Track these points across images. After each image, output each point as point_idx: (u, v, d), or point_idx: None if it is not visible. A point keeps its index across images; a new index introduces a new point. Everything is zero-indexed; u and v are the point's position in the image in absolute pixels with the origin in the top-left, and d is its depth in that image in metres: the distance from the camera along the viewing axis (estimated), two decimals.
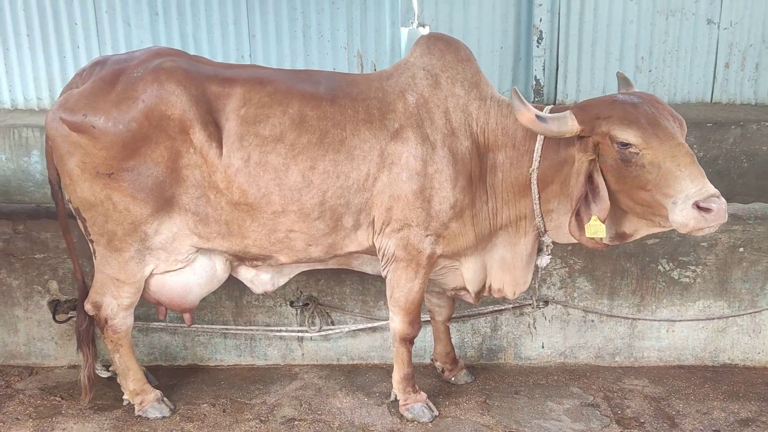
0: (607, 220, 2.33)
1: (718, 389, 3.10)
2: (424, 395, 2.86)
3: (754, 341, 3.32)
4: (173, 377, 3.18)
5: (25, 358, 3.29)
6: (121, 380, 2.85)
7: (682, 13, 5.20)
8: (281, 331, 3.26)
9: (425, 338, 3.25)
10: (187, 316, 2.84)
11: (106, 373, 3.06)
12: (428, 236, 2.54)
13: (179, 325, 3.23)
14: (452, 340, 3.16)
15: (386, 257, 2.60)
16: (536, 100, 5.27)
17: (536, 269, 2.77)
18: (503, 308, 3.26)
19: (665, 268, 3.24)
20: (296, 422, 2.84)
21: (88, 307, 2.72)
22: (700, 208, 2.12)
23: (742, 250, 3.19)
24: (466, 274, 2.72)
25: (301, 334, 3.26)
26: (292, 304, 3.27)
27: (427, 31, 5.27)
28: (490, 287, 2.77)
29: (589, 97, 5.25)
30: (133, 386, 2.83)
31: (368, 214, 2.54)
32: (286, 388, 3.12)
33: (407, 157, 2.47)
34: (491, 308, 3.25)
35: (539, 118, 2.31)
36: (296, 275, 2.92)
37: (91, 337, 2.81)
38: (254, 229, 2.53)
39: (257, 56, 5.44)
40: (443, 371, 3.16)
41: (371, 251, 2.64)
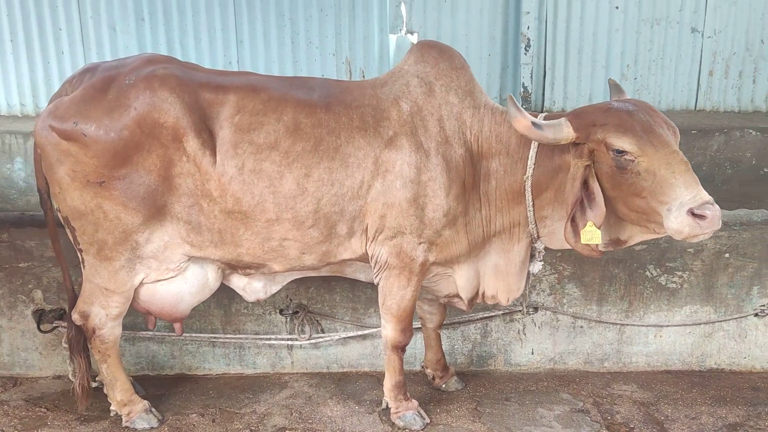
0: (602, 226, 2.34)
1: (705, 394, 3.13)
2: (415, 403, 2.85)
3: (740, 346, 3.36)
4: (161, 387, 3.15)
5: (9, 368, 3.23)
6: (108, 391, 2.81)
7: (666, 21, 5.27)
8: (271, 339, 3.24)
9: (415, 345, 3.25)
10: (177, 325, 2.81)
11: (92, 383, 3.02)
12: (421, 244, 2.54)
13: (166, 334, 3.20)
14: (443, 346, 3.16)
15: (379, 264, 2.60)
16: (524, 107, 5.25)
17: (528, 275, 2.78)
18: (493, 315, 3.27)
19: (653, 273, 3.27)
20: (287, 431, 2.82)
21: (75, 316, 2.69)
22: (694, 215, 2.15)
23: (727, 255, 3.23)
24: (459, 281, 2.72)
25: (290, 342, 3.24)
26: (281, 312, 3.25)
27: (415, 38, 5.29)
28: (483, 294, 2.77)
29: (576, 104, 5.37)
30: (120, 397, 2.79)
31: (362, 221, 2.54)
32: (276, 396, 3.10)
33: (401, 164, 2.47)
34: (481, 315, 3.26)
35: (535, 125, 2.32)
36: (286, 283, 2.90)
37: (83, 345, 2.77)
38: (248, 237, 2.51)
39: (245, 62, 5.42)
40: (434, 378, 3.16)
41: (364, 259, 2.63)
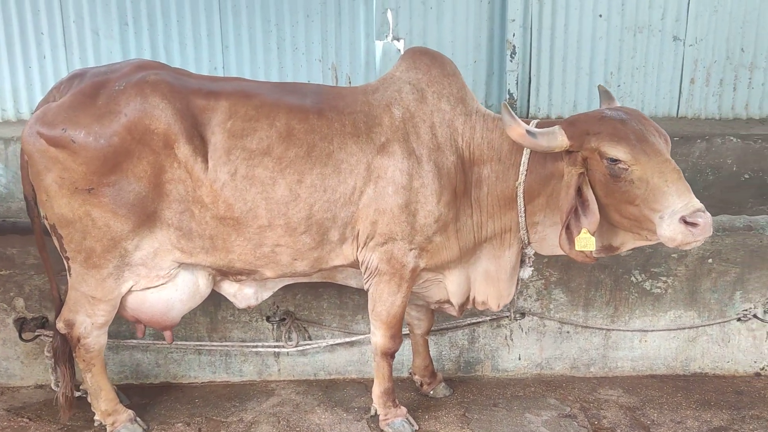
0: (595, 233, 2.36)
1: (690, 398, 3.16)
2: (404, 409, 2.85)
3: (723, 350, 3.40)
4: (145, 396, 3.11)
5: None
6: (92, 400, 2.76)
7: (649, 30, 5.34)
8: (257, 346, 3.22)
9: (403, 352, 3.23)
10: (167, 333, 2.78)
11: (75, 393, 2.96)
12: (412, 250, 2.54)
13: (151, 342, 3.16)
14: (430, 353, 3.15)
15: (369, 271, 2.60)
16: None
17: (518, 281, 2.79)
18: (480, 320, 3.27)
19: (638, 279, 3.30)
20: None
21: (60, 325, 2.64)
22: (687, 222, 2.19)
23: (710, 261, 3.27)
24: (450, 286, 2.73)
25: (277, 349, 3.22)
26: (268, 319, 3.23)
27: (402, 44, 5.30)
28: (474, 300, 2.78)
29: (560, 110, 5.41)
30: (104, 406, 2.75)
31: (353, 228, 2.53)
32: (263, 404, 3.07)
33: (393, 171, 2.47)
34: (469, 321, 3.26)
35: (529, 133, 2.34)
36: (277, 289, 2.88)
37: (68, 354, 2.73)
38: (239, 243, 2.50)
39: (230, 68, 5.39)
40: (422, 385, 3.15)
41: (356, 265, 2.63)
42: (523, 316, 3.27)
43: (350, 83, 5.39)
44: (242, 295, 2.75)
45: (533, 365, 3.36)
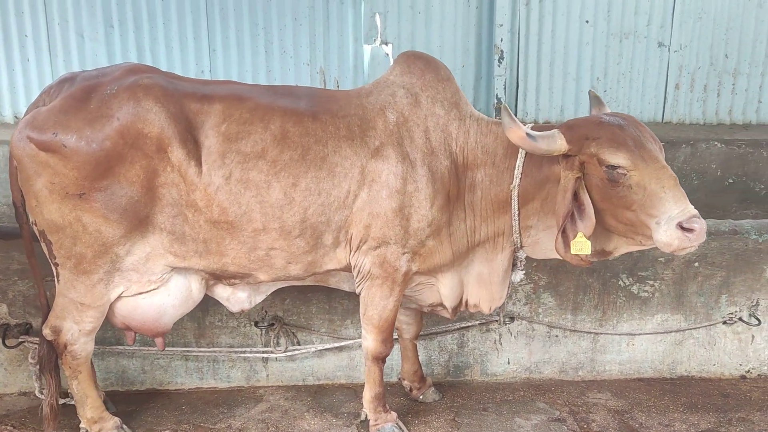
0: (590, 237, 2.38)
1: (677, 401, 3.18)
2: (394, 414, 2.84)
3: (709, 353, 3.43)
4: (131, 403, 3.06)
5: None
6: (78, 408, 2.71)
7: (634, 36, 5.41)
8: (246, 352, 3.19)
9: (392, 357, 3.21)
10: (159, 340, 2.73)
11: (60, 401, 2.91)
12: (405, 254, 2.54)
13: (137, 348, 3.12)
14: (419, 357, 3.15)
15: (361, 274, 2.59)
16: (498, 118, 5.36)
17: (510, 284, 2.79)
18: (470, 325, 3.27)
19: (625, 283, 3.32)
20: None
21: (46, 332, 2.59)
22: (683, 228, 2.21)
23: (697, 265, 3.30)
24: (443, 290, 2.73)
25: (266, 354, 3.19)
26: (256, 324, 3.20)
27: (390, 49, 5.31)
28: (466, 302, 2.78)
29: (548, 115, 5.46)
30: (90, 414, 2.70)
31: (347, 231, 2.52)
32: (251, 411, 3.04)
33: (387, 174, 2.47)
34: (458, 325, 3.26)
35: (529, 136, 2.35)
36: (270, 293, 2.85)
37: (54, 363, 2.68)
38: (233, 247, 2.48)
39: (217, 71, 5.36)
40: (411, 390, 3.15)
41: (349, 269, 2.62)
42: (512, 320, 3.28)
43: (338, 87, 5.39)
44: (235, 299, 2.73)
45: (522, 369, 3.37)
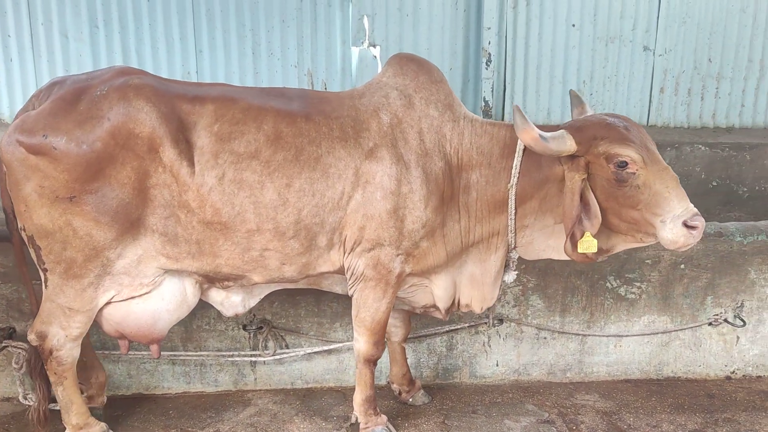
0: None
1: (664, 402, 3.21)
2: (384, 418, 2.82)
3: (695, 354, 3.46)
4: (117, 408, 3.02)
5: None
6: (63, 414, 2.67)
7: (620, 40, 5.47)
8: (233, 355, 3.16)
9: (381, 359, 3.21)
10: (154, 347, 2.67)
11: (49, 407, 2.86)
12: (399, 255, 2.53)
13: (122, 352, 3.07)
14: (408, 360, 3.14)
15: (354, 276, 2.57)
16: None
17: (501, 285, 2.80)
18: (459, 327, 3.28)
19: (613, 285, 3.34)
20: None
21: (31, 337, 2.54)
22: (688, 226, 2.29)
23: (683, 266, 3.34)
24: (436, 291, 2.72)
25: (254, 358, 3.16)
26: (245, 327, 3.17)
27: (377, 51, 5.31)
28: (458, 303, 2.78)
29: (535, 117, 5.49)
30: (76, 420, 2.65)
31: (341, 233, 2.51)
32: (239, 415, 3.02)
33: (381, 176, 2.46)
34: (447, 327, 3.26)
35: (541, 137, 2.36)
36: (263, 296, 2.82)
37: (41, 367, 2.63)
38: (227, 248, 2.45)
39: (204, 73, 5.32)
40: (400, 393, 3.14)
41: (342, 271, 2.60)
42: (501, 322, 3.29)
43: (326, 89, 5.38)
44: (229, 302, 2.70)
45: (511, 371, 3.38)
